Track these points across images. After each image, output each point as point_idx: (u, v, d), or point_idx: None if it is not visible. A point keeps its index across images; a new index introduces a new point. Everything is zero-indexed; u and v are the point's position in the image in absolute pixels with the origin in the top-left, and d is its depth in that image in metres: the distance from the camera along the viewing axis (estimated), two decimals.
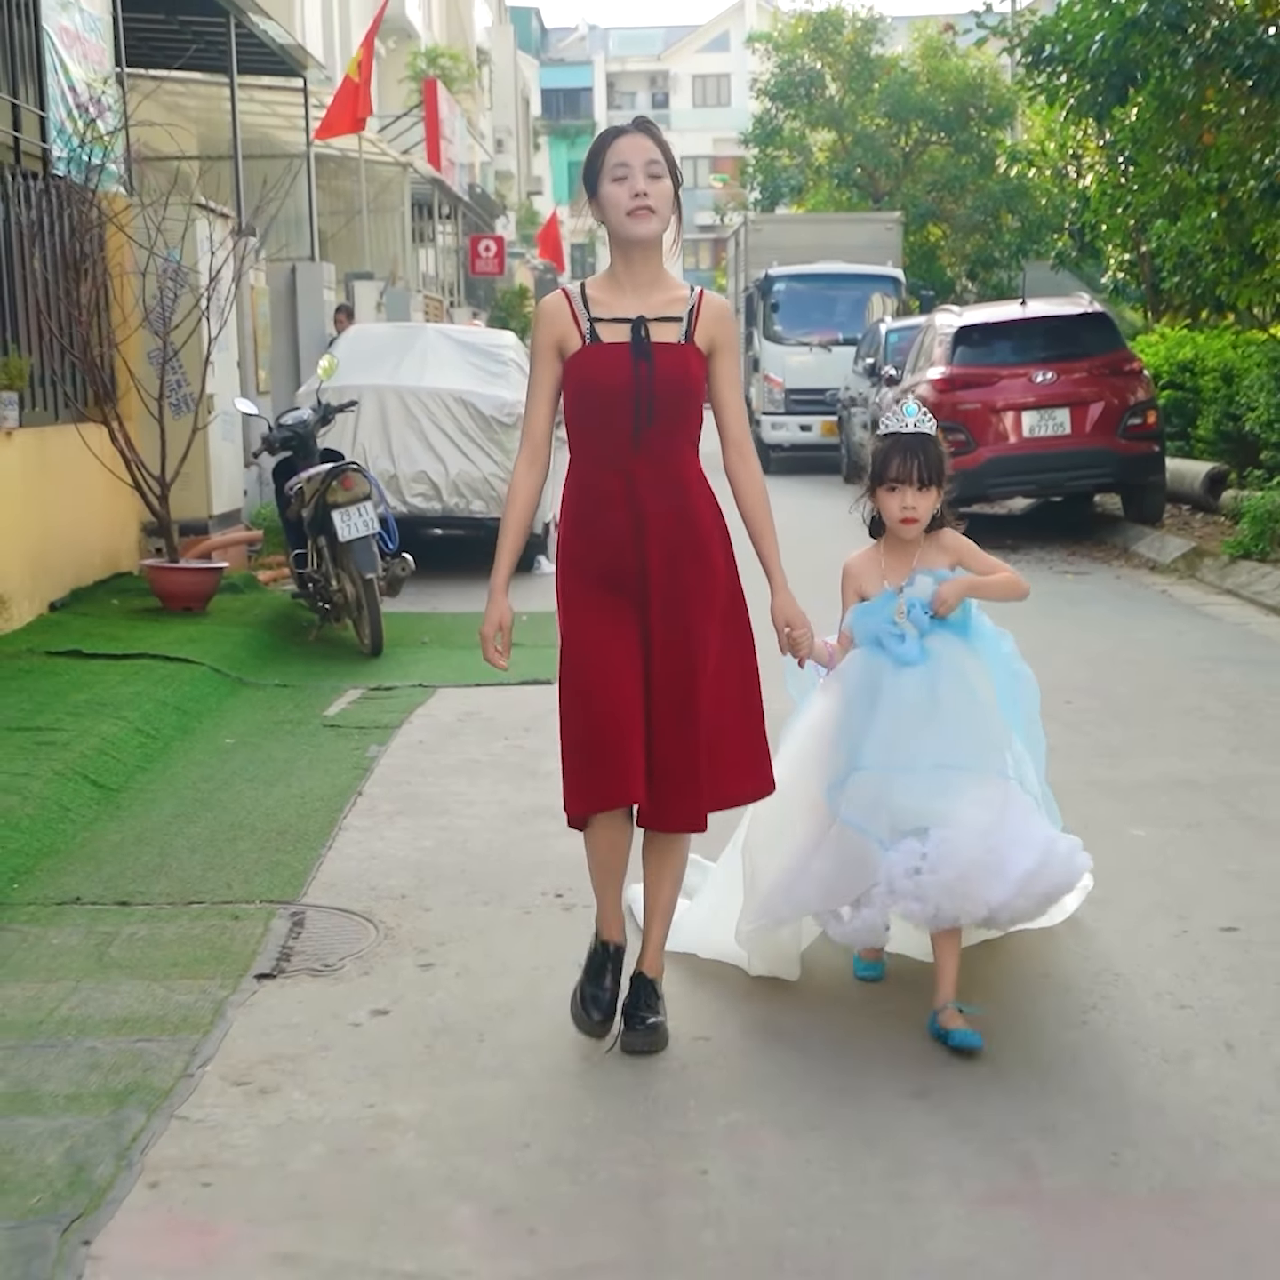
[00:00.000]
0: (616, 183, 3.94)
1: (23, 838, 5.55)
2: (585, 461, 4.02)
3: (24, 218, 9.67)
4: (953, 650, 4.21)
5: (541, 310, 4.09)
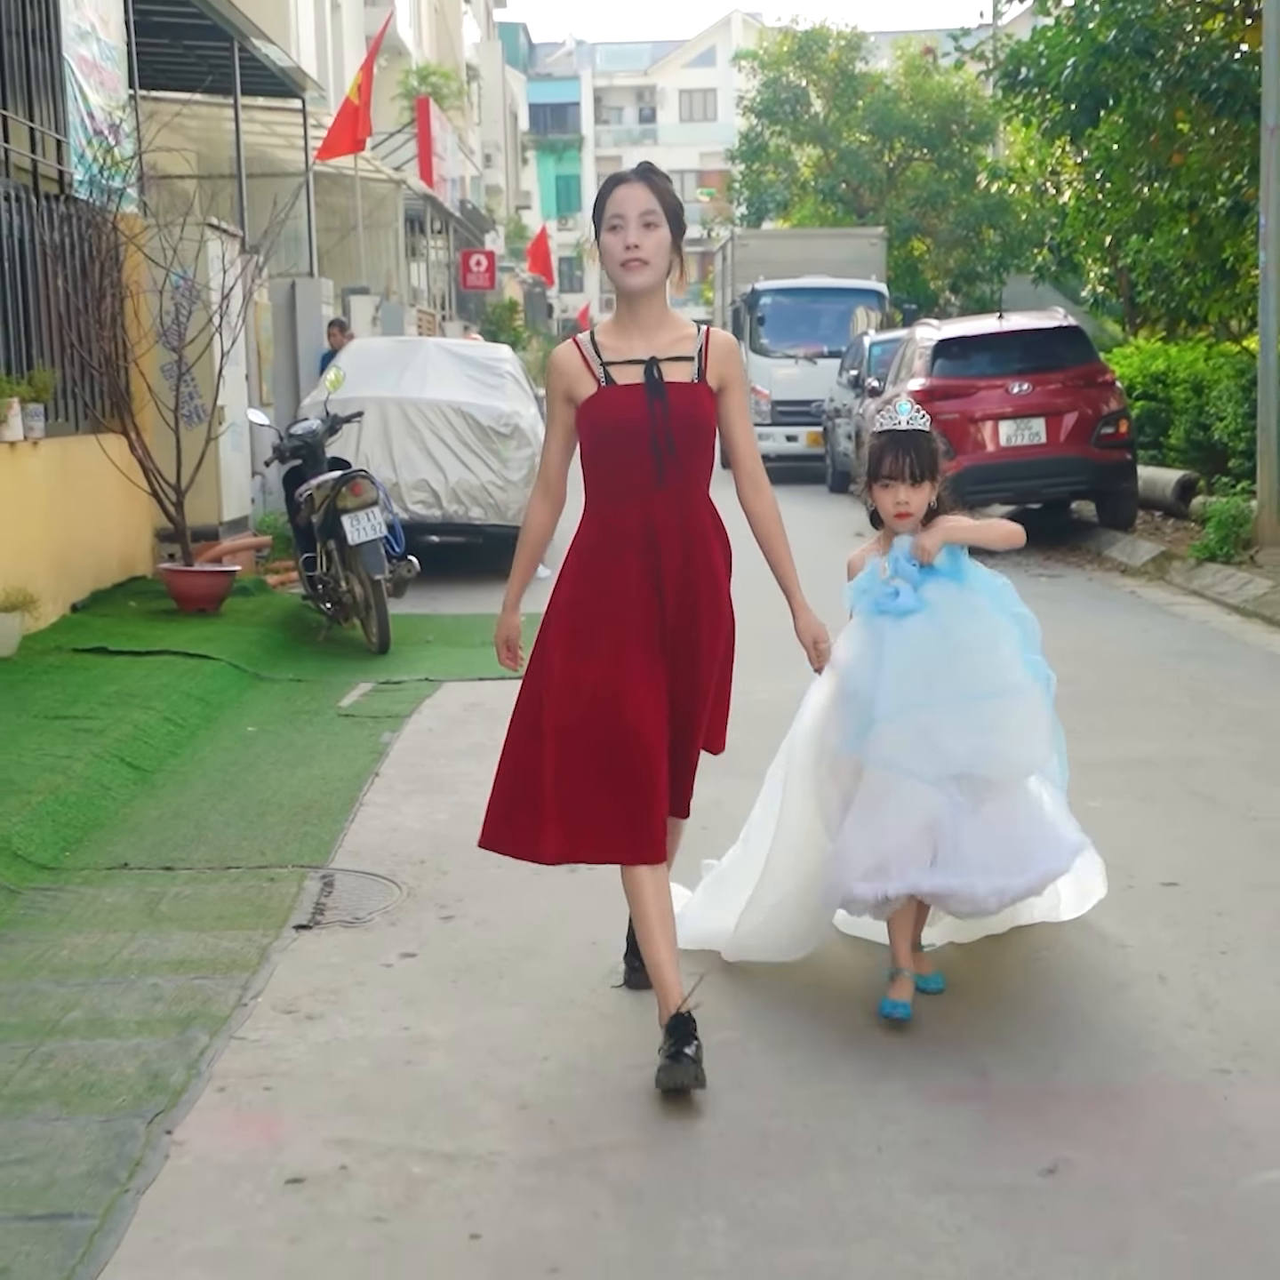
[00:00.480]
0: (612, 232, 4.05)
1: (70, 812, 6.04)
2: (602, 500, 4.10)
3: (46, 238, 10.17)
4: (951, 595, 4.31)
5: (553, 360, 4.19)
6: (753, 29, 71.76)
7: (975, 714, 4.15)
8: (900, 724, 4.13)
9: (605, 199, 4.09)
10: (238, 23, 14.66)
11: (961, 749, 4.11)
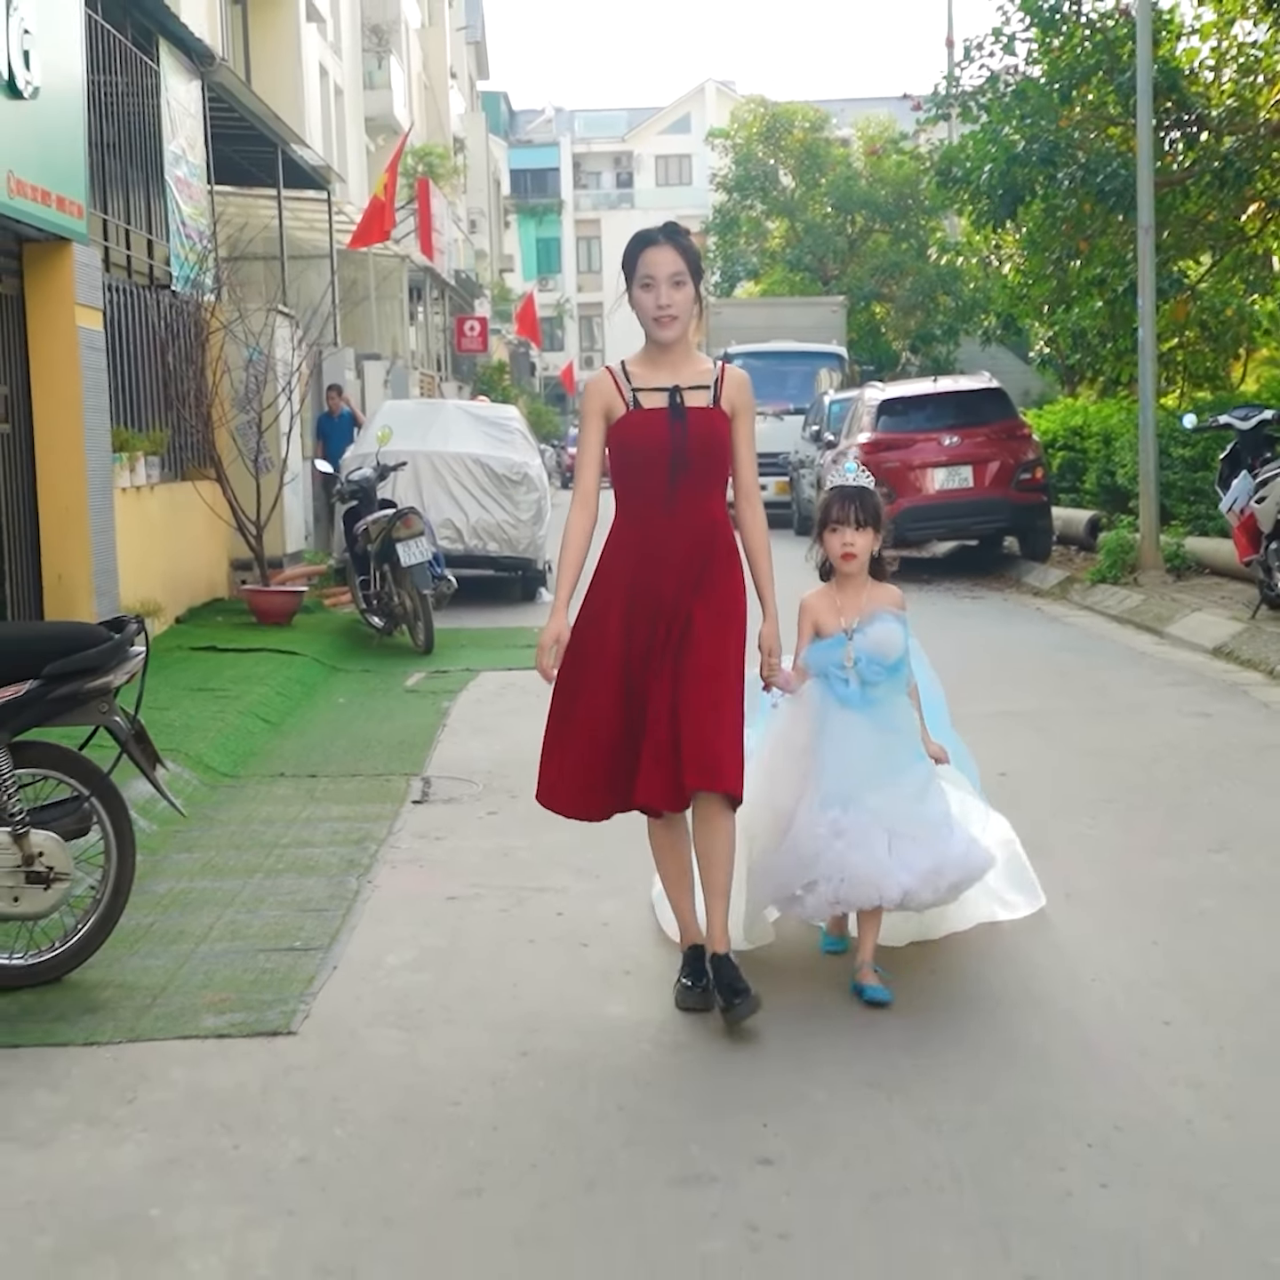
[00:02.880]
0: (644, 290, 4.59)
1: (234, 745, 8.48)
2: (630, 506, 4.69)
3: (156, 324, 12.70)
4: (894, 697, 4.92)
5: (590, 385, 4.76)
6: (726, 97, 74.52)
7: (893, 783, 4.82)
8: (830, 792, 4.79)
9: (636, 258, 4.61)
10: (282, 133, 17.28)
11: (882, 806, 4.78)
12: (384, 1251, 3.33)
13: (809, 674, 4.94)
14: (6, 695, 4.74)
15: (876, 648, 4.88)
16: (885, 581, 5.06)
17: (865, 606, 4.94)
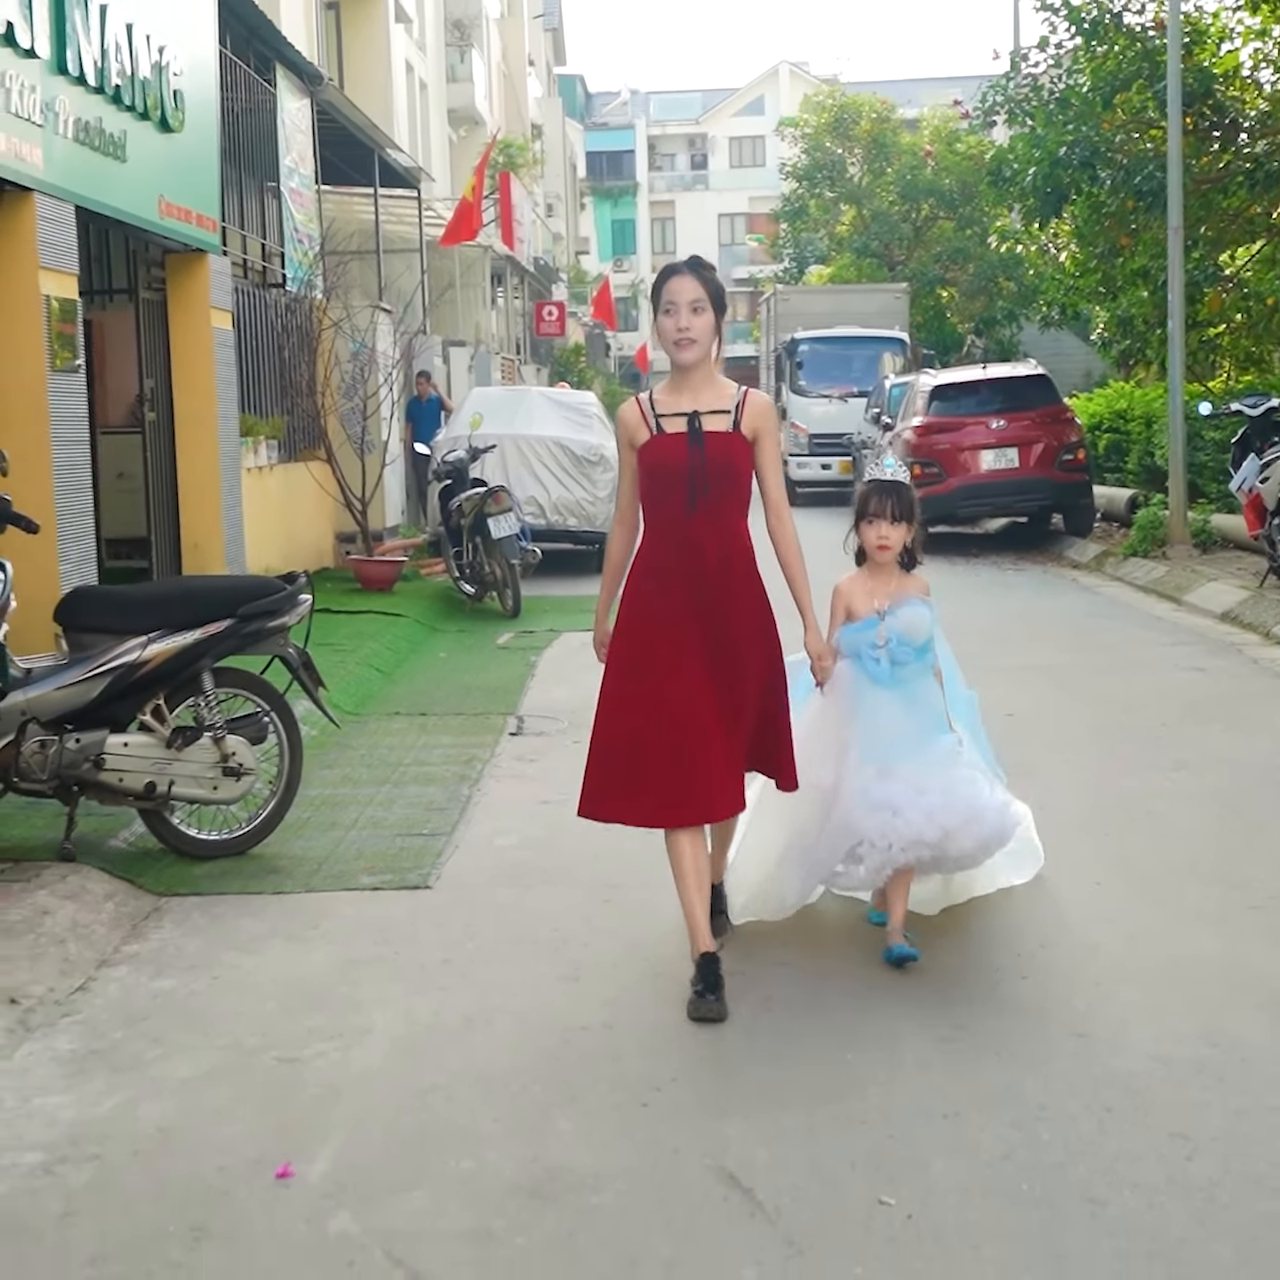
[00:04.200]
0: (666, 315, 4.79)
1: (355, 689, 9.93)
2: (655, 525, 4.90)
3: (273, 321, 14.18)
4: (921, 677, 5.19)
5: (620, 415, 4.97)
6: (799, 79, 75.32)
7: (923, 754, 5.07)
8: (866, 763, 5.05)
9: (661, 286, 4.83)
10: (379, 139, 18.72)
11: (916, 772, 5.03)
12: (508, 1011, 4.72)
13: (841, 654, 5.18)
14: (211, 631, 6.19)
15: (906, 629, 5.13)
16: (914, 571, 5.32)
17: (896, 592, 5.19)
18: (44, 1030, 4.63)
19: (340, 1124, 3.98)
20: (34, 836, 6.34)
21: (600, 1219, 3.47)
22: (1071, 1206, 3.48)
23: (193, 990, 4.96)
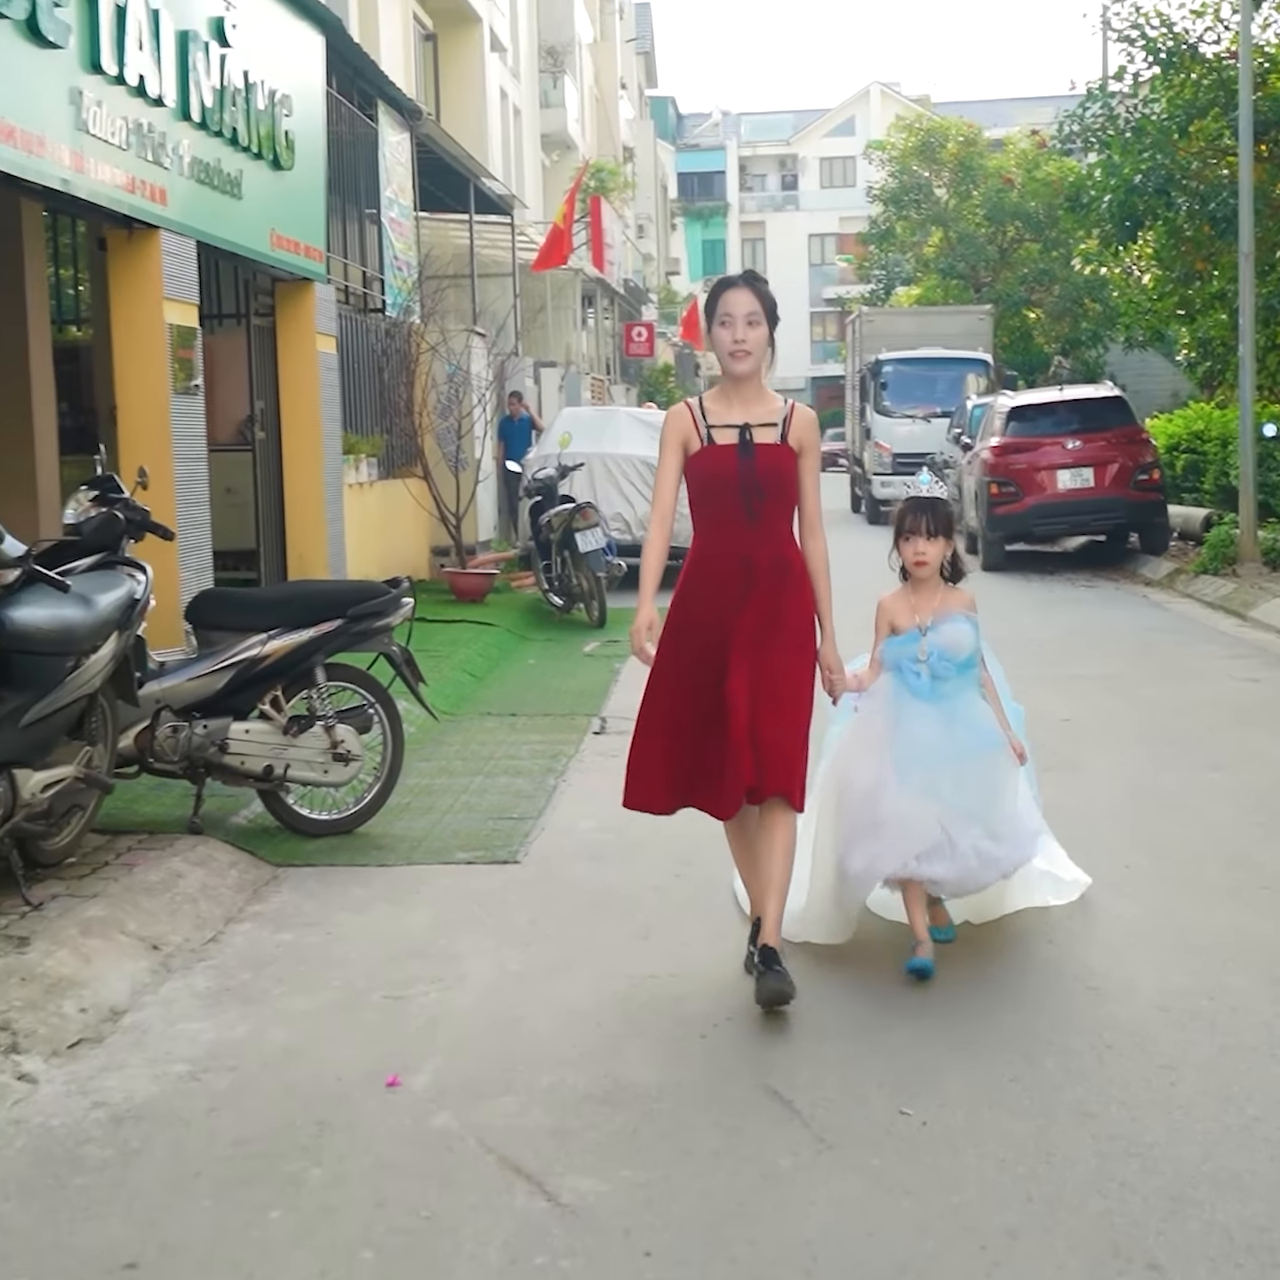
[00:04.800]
0: (722, 327, 4.93)
1: (450, 692, 10.61)
2: (706, 534, 5.04)
3: (374, 345, 14.94)
4: (963, 692, 5.23)
5: (671, 415, 5.13)
6: (891, 99, 75.70)
7: (959, 769, 5.13)
8: (908, 778, 5.11)
9: (717, 299, 4.97)
10: (474, 169, 19.49)
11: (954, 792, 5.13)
12: (585, 962, 5.34)
13: (884, 668, 5.29)
14: (323, 629, 6.87)
15: (948, 644, 5.19)
16: (959, 585, 5.40)
17: (939, 607, 5.27)
18: (183, 972, 5.31)
19: (440, 1048, 4.61)
20: (165, 813, 7.05)
21: (659, 1120, 4.08)
22: (1065, 1118, 4.04)
23: (309, 942, 5.63)
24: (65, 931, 5.29)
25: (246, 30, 10.88)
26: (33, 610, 5.56)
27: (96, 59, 8.60)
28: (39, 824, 5.74)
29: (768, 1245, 3.46)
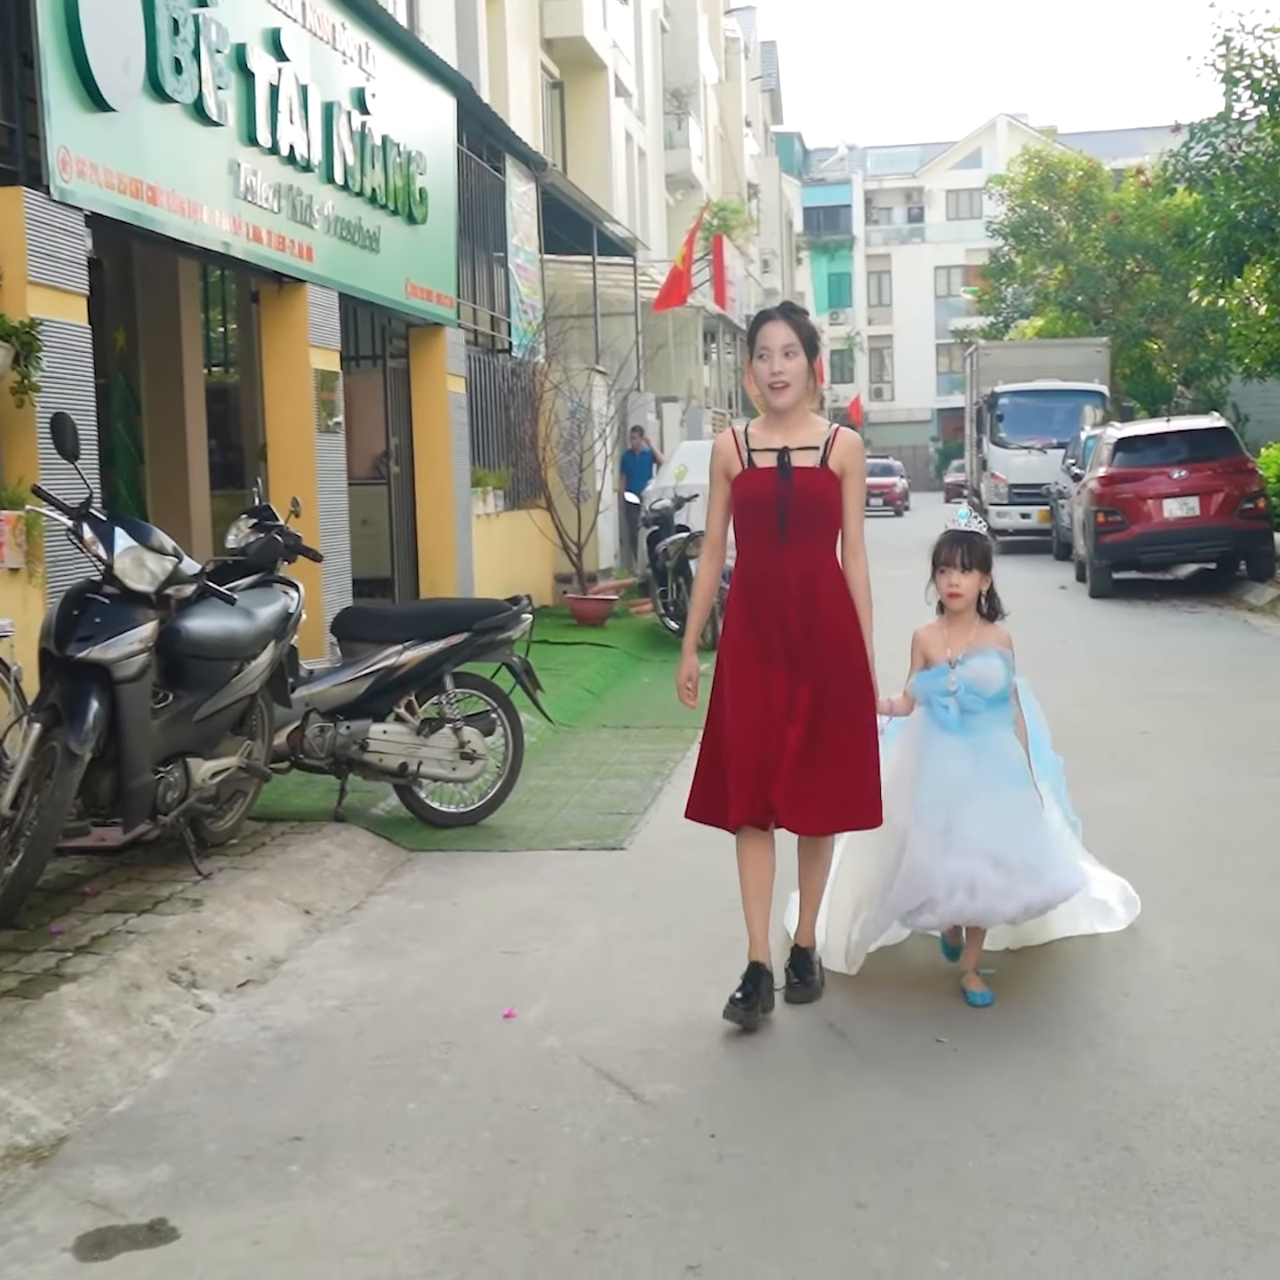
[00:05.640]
0: (760, 360, 5.00)
1: (568, 705, 11.43)
2: (746, 552, 5.09)
3: (500, 384, 15.87)
4: (993, 727, 5.20)
5: (716, 445, 5.19)
6: (1018, 130, 75.93)
7: (983, 801, 5.10)
8: (931, 810, 5.11)
9: (755, 333, 5.04)
10: (597, 214, 20.43)
11: (978, 828, 5.08)
12: (678, 928, 6.10)
13: (916, 701, 5.30)
14: (452, 641, 7.72)
15: (976, 678, 5.17)
16: (996, 621, 5.38)
17: (973, 641, 5.26)
18: (331, 932, 6.16)
19: (549, 990, 5.41)
20: (313, 805, 7.93)
21: (733, 1045, 4.83)
22: (1077, 1047, 4.73)
23: (439, 911, 6.46)
24: (232, 896, 6.16)
25: (384, 97, 11.86)
26: (204, 621, 6.46)
27: (253, 132, 9.58)
28: (208, 806, 6.63)
29: (811, 1131, 4.20)
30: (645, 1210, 3.77)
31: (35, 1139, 4.20)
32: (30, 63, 7.39)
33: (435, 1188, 3.92)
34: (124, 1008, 5.01)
